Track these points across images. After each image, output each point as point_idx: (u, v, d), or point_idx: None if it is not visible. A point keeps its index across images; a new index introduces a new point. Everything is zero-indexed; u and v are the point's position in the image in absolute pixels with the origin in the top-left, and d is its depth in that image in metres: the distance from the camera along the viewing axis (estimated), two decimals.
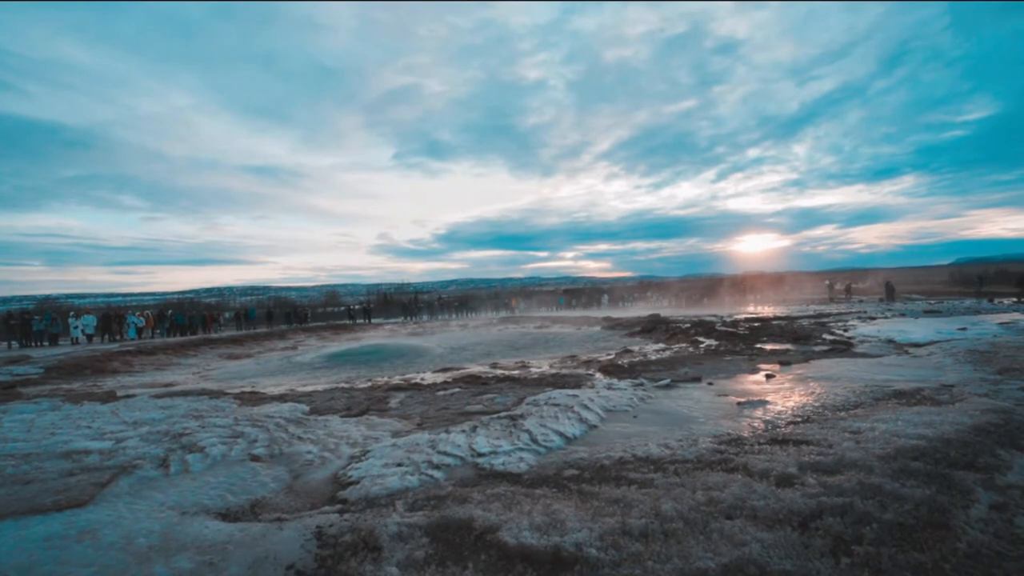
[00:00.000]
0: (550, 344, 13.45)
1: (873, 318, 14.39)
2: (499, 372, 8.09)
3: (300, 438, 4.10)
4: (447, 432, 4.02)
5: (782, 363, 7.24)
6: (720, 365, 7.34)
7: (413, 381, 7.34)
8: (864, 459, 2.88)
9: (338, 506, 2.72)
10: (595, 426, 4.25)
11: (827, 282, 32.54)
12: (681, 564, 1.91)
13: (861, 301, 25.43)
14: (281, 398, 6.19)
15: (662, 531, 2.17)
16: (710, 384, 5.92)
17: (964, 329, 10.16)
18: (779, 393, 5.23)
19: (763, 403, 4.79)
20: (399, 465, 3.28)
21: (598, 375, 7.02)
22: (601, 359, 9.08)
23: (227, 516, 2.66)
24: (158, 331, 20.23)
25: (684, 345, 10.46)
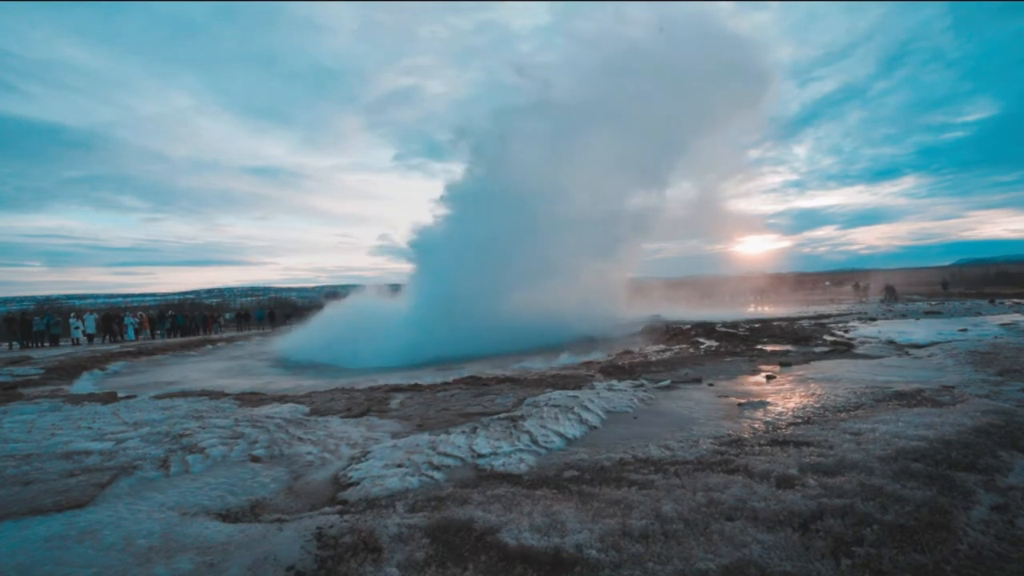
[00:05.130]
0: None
1: (874, 319, 14.38)
2: (499, 373, 8.08)
3: (300, 439, 4.10)
4: (447, 433, 4.02)
5: (782, 364, 7.23)
6: (720, 366, 7.34)
7: (413, 382, 7.34)
8: (865, 460, 2.88)
9: (338, 507, 2.72)
10: (595, 427, 4.25)
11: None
12: (682, 565, 1.91)
13: (862, 302, 25.44)
14: (281, 399, 6.19)
15: (663, 532, 2.17)
16: (710, 385, 5.92)
17: (965, 330, 10.15)
18: (780, 394, 5.22)
19: (763, 404, 4.78)
20: (399, 466, 3.27)
21: (598, 376, 7.02)
22: (601, 360, 9.07)
23: (227, 517, 2.66)
24: (159, 332, 20.25)
25: (684, 346, 10.45)
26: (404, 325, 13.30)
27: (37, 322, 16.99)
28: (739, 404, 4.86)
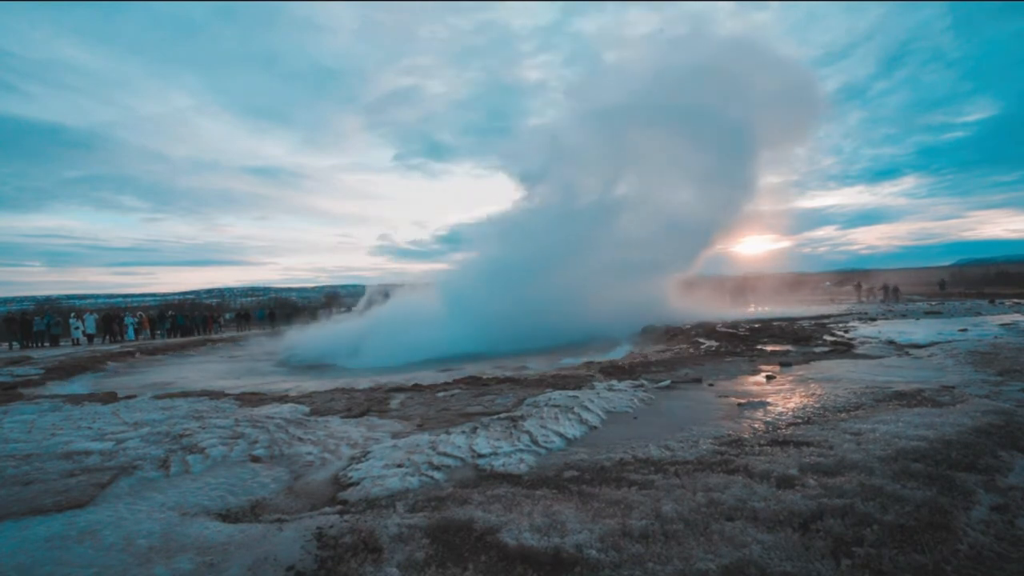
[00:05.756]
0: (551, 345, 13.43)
1: (874, 319, 14.38)
2: (499, 373, 8.08)
3: (300, 439, 4.11)
4: (447, 433, 4.02)
5: (782, 364, 7.23)
6: (720, 366, 7.33)
7: (414, 382, 7.34)
8: (865, 460, 2.88)
9: (338, 507, 2.72)
10: (595, 427, 4.25)
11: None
12: (682, 565, 1.91)
13: (862, 303, 25.45)
14: (282, 399, 6.19)
15: (663, 532, 2.17)
16: (710, 385, 5.92)
17: (965, 330, 10.15)
18: (780, 394, 5.22)
19: (763, 404, 4.78)
20: (399, 466, 3.27)
21: (598, 376, 7.01)
22: (601, 360, 9.07)
23: (227, 517, 2.66)
24: (159, 332, 20.25)
25: (684, 346, 10.45)
26: (439, 328, 14.48)
27: (37, 322, 16.99)
28: (739, 404, 4.86)
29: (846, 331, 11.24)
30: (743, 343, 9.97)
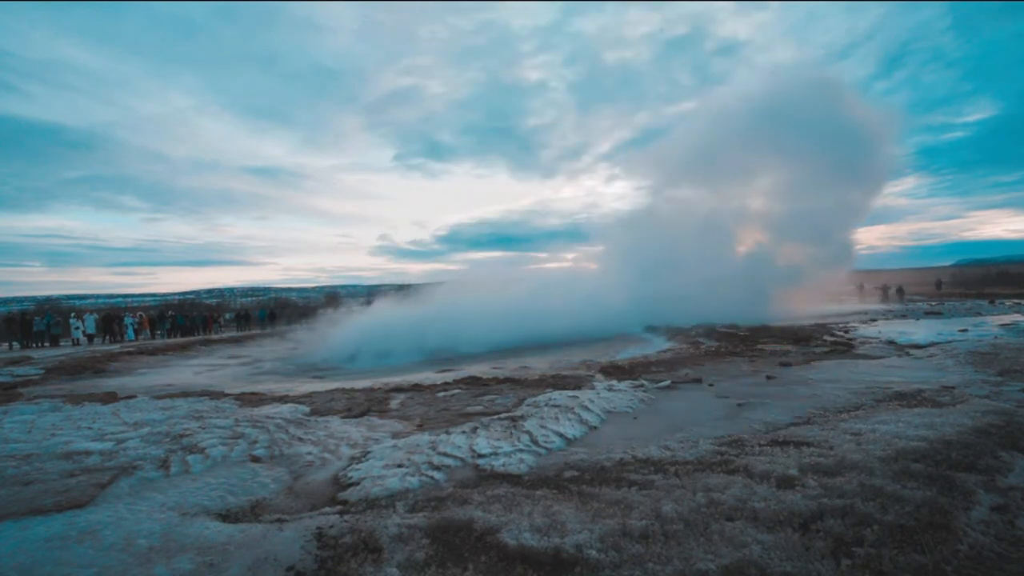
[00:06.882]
0: (552, 345, 13.43)
1: (874, 319, 14.38)
2: (500, 373, 8.08)
3: (300, 439, 4.11)
4: (447, 433, 4.02)
5: (783, 364, 7.23)
6: (720, 366, 7.34)
7: (414, 382, 7.34)
8: (865, 461, 2.88)
9: (338, 507, 2.72)
10: (595, 427, 4.25)
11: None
12: (682, 566, 1.91)
13: (862, 303, 25.44)
14: (282, 399, 6.19)
15: (663, 532, 2.17)
16: (711, 385, 5.92)
17: (965, 331, 10.16)
18: (780, 394, 5.22)
19: (763, 404, 4.78)
20: (399, 466, 3.27)
21: (598, 376, 7.02)
22: (601, 360, 9.07)
23: (227, 517, 2.66)
24: (159, 332, 20.24)
25: (685, 346, 10.45)
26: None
27: (37, 322, 16.97)
28: (739, 404, 4.86)
29: (846, 331, 11.24)
30: (743, 343, 9.97)
